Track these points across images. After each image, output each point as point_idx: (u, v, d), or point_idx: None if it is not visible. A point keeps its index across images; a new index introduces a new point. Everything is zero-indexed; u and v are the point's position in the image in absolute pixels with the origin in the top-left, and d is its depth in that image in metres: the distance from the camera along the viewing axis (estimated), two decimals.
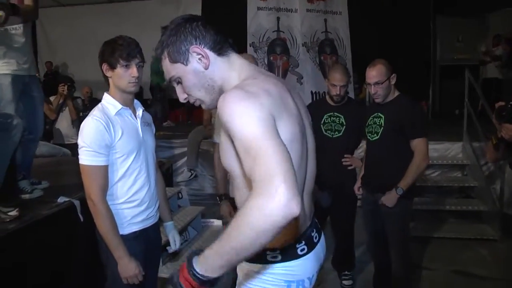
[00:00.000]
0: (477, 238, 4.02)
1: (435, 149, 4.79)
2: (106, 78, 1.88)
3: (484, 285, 3.26)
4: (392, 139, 2.53)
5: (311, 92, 5.59)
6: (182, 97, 1.21)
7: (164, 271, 3.01)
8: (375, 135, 2.61)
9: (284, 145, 0.91)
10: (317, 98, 5.52)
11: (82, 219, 2.41)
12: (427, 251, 3.84)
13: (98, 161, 1.75)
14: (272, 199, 0.83)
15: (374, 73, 2.51)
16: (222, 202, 2.54)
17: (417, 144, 2.47)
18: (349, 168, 3.01)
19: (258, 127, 0.92)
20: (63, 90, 5.07)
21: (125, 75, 1.81)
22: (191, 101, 1.20)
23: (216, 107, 1.06)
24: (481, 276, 3.36)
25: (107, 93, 1.89)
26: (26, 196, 2.65)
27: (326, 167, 2.78)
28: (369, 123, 2.67)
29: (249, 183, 0.92)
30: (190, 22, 1.15)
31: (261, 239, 0.86)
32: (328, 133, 3.01)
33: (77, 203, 2.44)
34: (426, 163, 2.50)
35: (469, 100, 4.90)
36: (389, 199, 2.52)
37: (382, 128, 2.56)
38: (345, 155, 3.00)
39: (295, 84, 5.55)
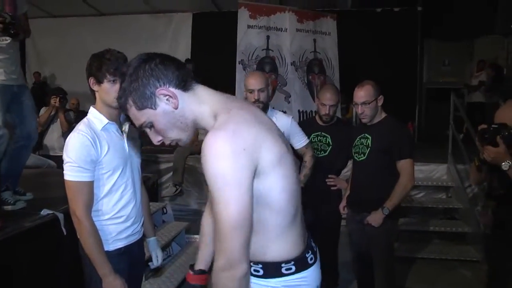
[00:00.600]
0: (461, 259, 4.04)
1: (421, 170, 4.84)
2: (92, 92, 1.86)
3: None
4: (378, 160, 2.56)
5: (299, 111, 5.61)
6: (156, 139, 1.19)
7: (146, 287, 2.97)
8: (362, 155, 2.64)
9: (250, 208, 1.05)
10: (305, 117, 5.56)
11: (65, 233, 2.36)
12: (411, 271, 3.85)
13: (84, 176, 1.71)
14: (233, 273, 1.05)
15: (362, 93, 2.55)
16: None
17: (403, 165, 2.50)
18: (333, 188, 3.03)
19: (237, 184, 1.03)
20: (55, 102, 5.01)
21: (111, 90, 1.76)
22: (167, 142, 1.19)
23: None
24: None
25: (93, 107, 1.86)
26: (9, 207, 2.60)
27: (310, 186, 2.83)
28: (356, 144, 2.70)
29: None
30: (149, 63, 1.12)
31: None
32: (315, 152, 3.03)
33: (61, 216, 2.39)
34: (412, 184, 2.53)
35: (454, 123, 4.99)
36: (375, 218, 2.53)
37: (369, 148, 2.60)
38: (330, 176, 3.02)
39: (282, 103, 5.57)
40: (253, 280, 1.20)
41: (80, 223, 1.71)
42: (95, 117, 1.83)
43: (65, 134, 5.02)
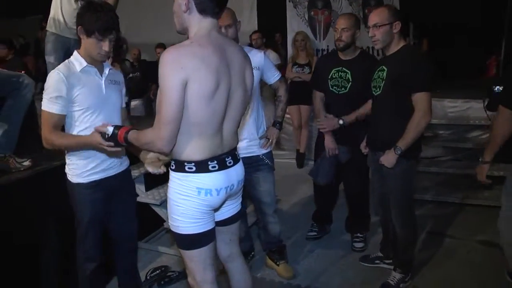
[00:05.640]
0: None
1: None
2: (79, 38, 2.00)
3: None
4: (393, 94, 2.31)
5: (361, 47, 5.20)
6: None
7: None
8: (378, 89, 2.40)
9: (178, 103, 1.46)
10: None
11: None
12: (456, 219, 3.55)
13: (53, 108, 1.91)
14: (157, 134, 1.50)
15: (374, 15, 2.32)
16: None
17: (418, 99, 2.23)
18: (322, 130, 2.90)
19: (170, 85, 1.45)
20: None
21: (96, 46, 1.94)
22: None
23: (181, 33, 1.63)
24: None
25: (77, 51, 2.02)
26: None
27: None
28: (374, 77, 2.46)
29: None
30: None
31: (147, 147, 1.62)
32: (335, 89, 2.85)
33: None
34: (427, 121, 2.25)
35: None
36: (388, 159, 2.33)
37: (383, 81, 2.35)
38: (317, 120, 2.93)
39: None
40: (170, 171, 1.65)
41: (46, 140, 1.93)
42: (76, 60, 2.00)
43: None
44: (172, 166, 1.65)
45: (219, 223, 1.82)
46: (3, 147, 2.49)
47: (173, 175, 1.65)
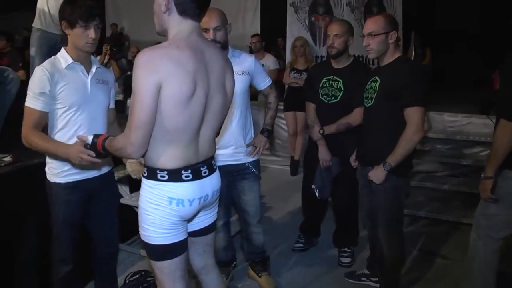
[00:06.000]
0: None
1: (486, 124, 4.20)
2: (65, 34, 1.98)
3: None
4: (385, 107, 2.22)
5: (354, 55, 5.14)
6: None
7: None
8: (370, 101, 2.32)
9: (150, 106, 1.39)
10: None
11: None
12: (450, 238, 3.44)
13: (35, 105, 1.87)
14: (128, 139, 1.44)
15: (370, 23, 2.23)
16: None
17: (410, 113, 2.13)
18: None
19: (143, 87, 1.38)
20: (106, 50, 5.28)
21: (83, 35, 1.91)
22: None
23: (161, 34, 1.57)
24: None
25: (64, 48, 1.99)
26: None
27: (330, 134, 2.62)
28: (367, 88, 2.37)
29: None
30: None
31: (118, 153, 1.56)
32: (324, 98, 2.78)
33: None
34: (420, 136, 2.16)
35: None
36: (376, 174, 2.24)
37: (376, 93, 2.26)
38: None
39: None
40: (142, 179, 1.58)
41: (26, 138, 1.87)
42: (62, 57, 1.96)
43: (118, 79, 5.29)
44: (145, 173, 1.58)
45: (193, 234, 1.74)
46: None
47: (144, 183, 1.58)
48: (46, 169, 2.08)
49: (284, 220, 3.83)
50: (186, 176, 1.53)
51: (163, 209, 1.53)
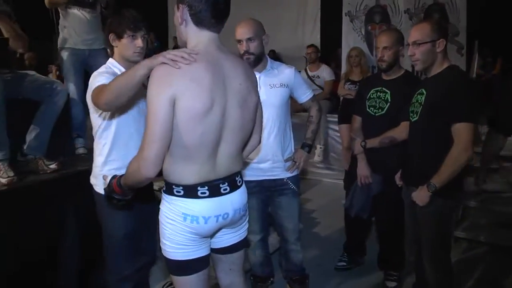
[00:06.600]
0: None
1: None
2: (111, 47, 2.04)
3: None
4: (431, 122, 2.04)
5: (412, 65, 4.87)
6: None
7: None
8: (415, 115, 2.15)
9: (165, 120, 1.35)
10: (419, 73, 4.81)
11: None
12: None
13: (102, 80, 1.82)
14: (140, 155, 1.39)
15: (415, 31, 2.06)
16: None
17: (458, 130, 1.94)
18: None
19: (157, 102, 1.35)
20: None
21: (131, 45, 1.96)
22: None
23: (182, 46, 1.52)
24: None
25: (112, 59, 2.03)
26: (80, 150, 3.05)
27: (372, 149, 2.48)
28: (413, 101, 2.20)
29: None
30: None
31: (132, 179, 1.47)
32: (371, 110, 2.63)
33: None
34: (468, 155, 1.95)
35: None
36: (420, 196, 2.06)
37: (421, 107, 2.09)
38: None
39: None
40: (162, 193, 1.56)
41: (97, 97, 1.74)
42: (114, 66, 2.01)
43: None
44: (164, 187, 1.56)
45: (217, 251, 1.70)
46: (34, 150, 2.60)
47: (163, 197, 1.56)
48: (95, 181, 2.06)
49: (332, 238, 3.67)
50: (202, 193, 1.49)
51: (178, 225, 1.50)
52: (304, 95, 2.48)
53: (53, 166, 2.57)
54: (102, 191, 1.98)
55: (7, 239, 2.18)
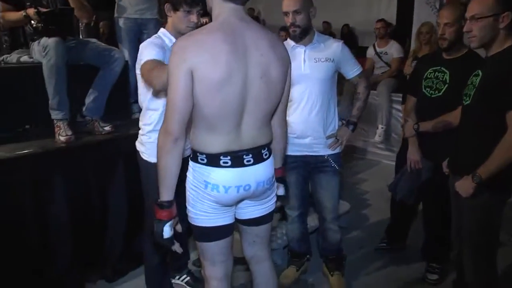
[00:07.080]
0: None
1: None
2: (165, 17, 2.05)
3: None
4: (483, 106, 1.85)
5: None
6: None
7: None
8: (467, 98, 1.96)
9: (184, 91, 1.40)
10: None
11: None
12: None
13: (152, 54, 1.89)
14: (164, 128, 1.44)
15: (474, 3, 1.82)
16: None
17: (510, 117, 1.74)
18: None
19: (175, 74, 1.39)
20: None
21: (184, 20, 1.98)
22: None
23: (210, 13, 1.55)
24: None
25: (164, 28, 2.07)
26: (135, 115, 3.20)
27: (424, 133, 2.36)
28: (468, 83, 2.01)
29: None
30: None
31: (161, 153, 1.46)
32: (427, 91, 2.46)
33: None
34: None
35: None
36: (463, 186, 1.90)
37: (475, 89, 1.90)
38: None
39: None
40: (189, 160, 1.60)
41: (149, 75, 1.83)
42: (165, 36, 2.05)
43: None
44: (191, 154, 1.61)
45: (242, 222, 1.73)
46: (91, 112, 2.79)
47: (190, 164, 1.60)
48: (143, 149, 2.14)
49: (380, 221, 3.54)
50: (224, 162, 1.51)
51: (200, 192, 1.55)
52: (352, 71, 2.39)
53: (107, 128, 2.77)
54: (147, 158, 2.12)
55: (62, 194, 2.40)
